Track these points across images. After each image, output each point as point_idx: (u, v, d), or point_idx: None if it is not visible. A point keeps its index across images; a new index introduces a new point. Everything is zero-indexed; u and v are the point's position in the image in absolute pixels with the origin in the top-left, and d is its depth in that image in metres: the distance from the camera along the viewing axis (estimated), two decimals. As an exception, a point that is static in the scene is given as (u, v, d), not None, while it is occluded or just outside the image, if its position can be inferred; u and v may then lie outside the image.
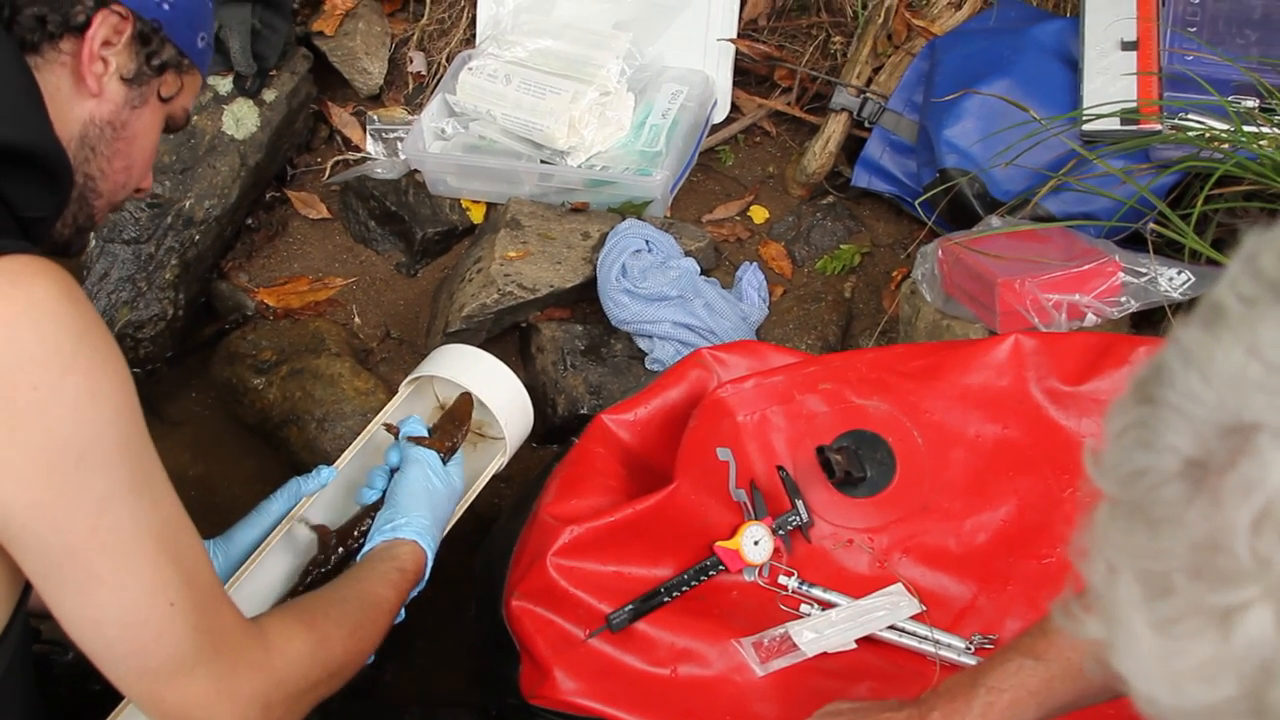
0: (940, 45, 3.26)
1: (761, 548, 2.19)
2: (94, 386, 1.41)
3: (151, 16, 1.72)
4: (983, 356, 2.30)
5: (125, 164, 1.79)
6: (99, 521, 1.43)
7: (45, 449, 1.38)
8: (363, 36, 3.63)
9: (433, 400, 2.40)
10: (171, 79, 1.80)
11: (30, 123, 1.56)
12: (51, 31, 1.63)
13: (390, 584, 1.93)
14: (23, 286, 1.38)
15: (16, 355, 1.36)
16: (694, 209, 3.43)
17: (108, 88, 1.71)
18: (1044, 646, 1.65)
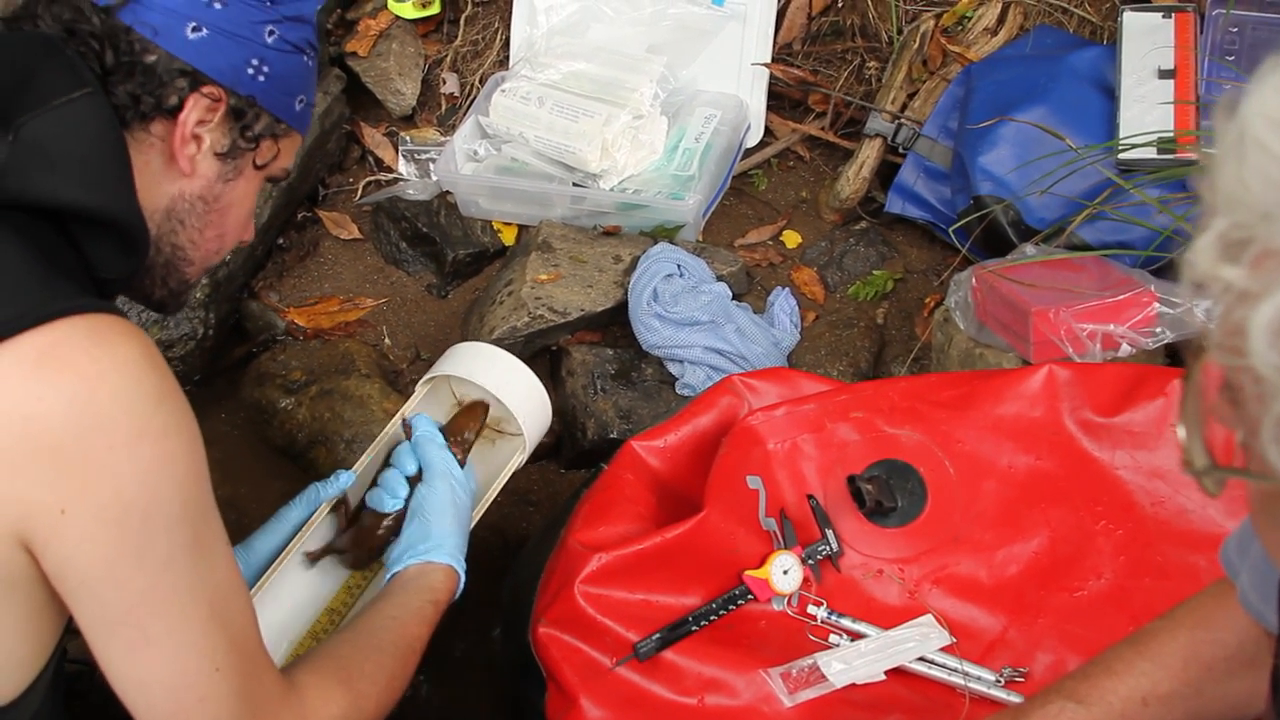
0: (976, 71, 3.25)
1: (791, 577, 2.18)
2: (166, 450, 1.43)
3: (246, 92, 1.71)
4: (1016, 386, 2.29)
5: (218, 233, 1.80)
6: (158, 582, 1.45)
7: (114, 508, 1.40)
8: (396, 57, 3.63)
9: (449, 399, 2.39)
10: (268, 147, 1.79)
11: (113, 191, 1.57)
12: (144, 112, 1.63)
13: (426, 620, 1.93)
14: (107, 346, 1.40)
15: (95, 415, 1.38)
16: (726, 233, 3.43)
17: (200, 166, 1.71)
18: (1086, 689, 1.63)
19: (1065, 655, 2.14)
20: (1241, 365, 0.87)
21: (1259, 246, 0.86)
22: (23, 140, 1.49)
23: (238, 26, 1.67)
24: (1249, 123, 0.87)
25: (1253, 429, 0.89)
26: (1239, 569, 1.53)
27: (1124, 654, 1.64)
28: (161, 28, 1.62)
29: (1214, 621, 1.59)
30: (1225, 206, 0.89)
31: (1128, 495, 2.23)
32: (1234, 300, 0.87)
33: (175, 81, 1.64)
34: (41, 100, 1.52)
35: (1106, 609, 2.17)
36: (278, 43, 1.72)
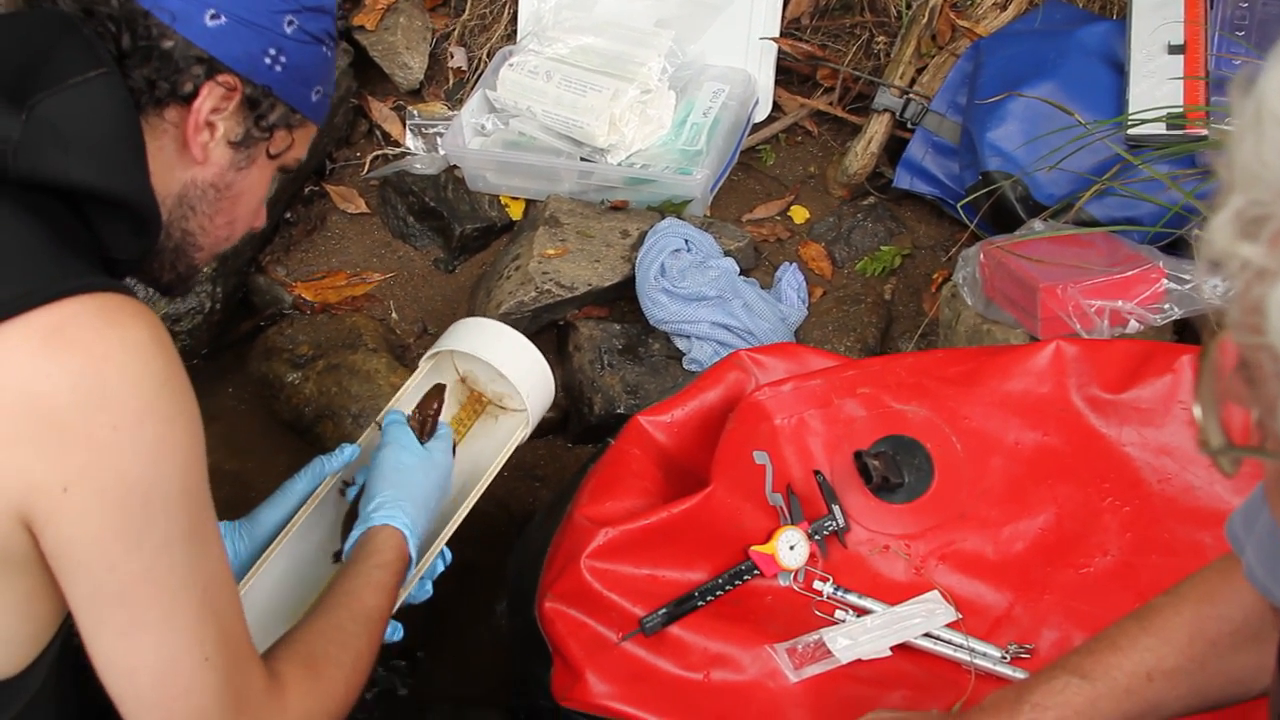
0: (985, 46, 3.24)
1: (797, 553, 2.18)
2: (169, 434, 1.43)
3: (262, 81, 1.68)
4: (1023, 363, 2.28)
5: (228, 219, 1.79)
6: (154, 565, 1.45)
7: (116, 487, 1.39)
8: (404, 31, 3.63)
9: (453, 374, 2.38)
10: (282, 136, 1.77)
11: (128, 173, 1.56)
12: (159, 97, 1.61)
13: (380, 587, 1.90)
14: (116, 326, 1.40)
15: (101, 394, 1.38)
16: (734, 208, 3.42)
17: (213, 153, 1.69)
18: (1090, 665, 1.63)
19: (1071, 632, 2.14)
20: (1260, 343, 0.86)
21: (1278, 223, 0.86)
22: (36, 118, 1.48)
23: (257, 15, 1.65)
24: (1267, 99, 0.87)
25: (1270, 407, 0.89)
26: (1244, 543, 1.53)
27: (1129, 629, 1.64)
28: (180, 13, 1.60)
29: (1219, 596, 1.59)
30: (1243, 183, 0.88)
31: (1135, 472, 2.23)
32: (1252, 278, 0.87)
33: (191, 68, 1.62)
34: (57, 79, 1.52)
35: (1113, 586, 2.17)
36: (297, 33, 1.70)
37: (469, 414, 2.40)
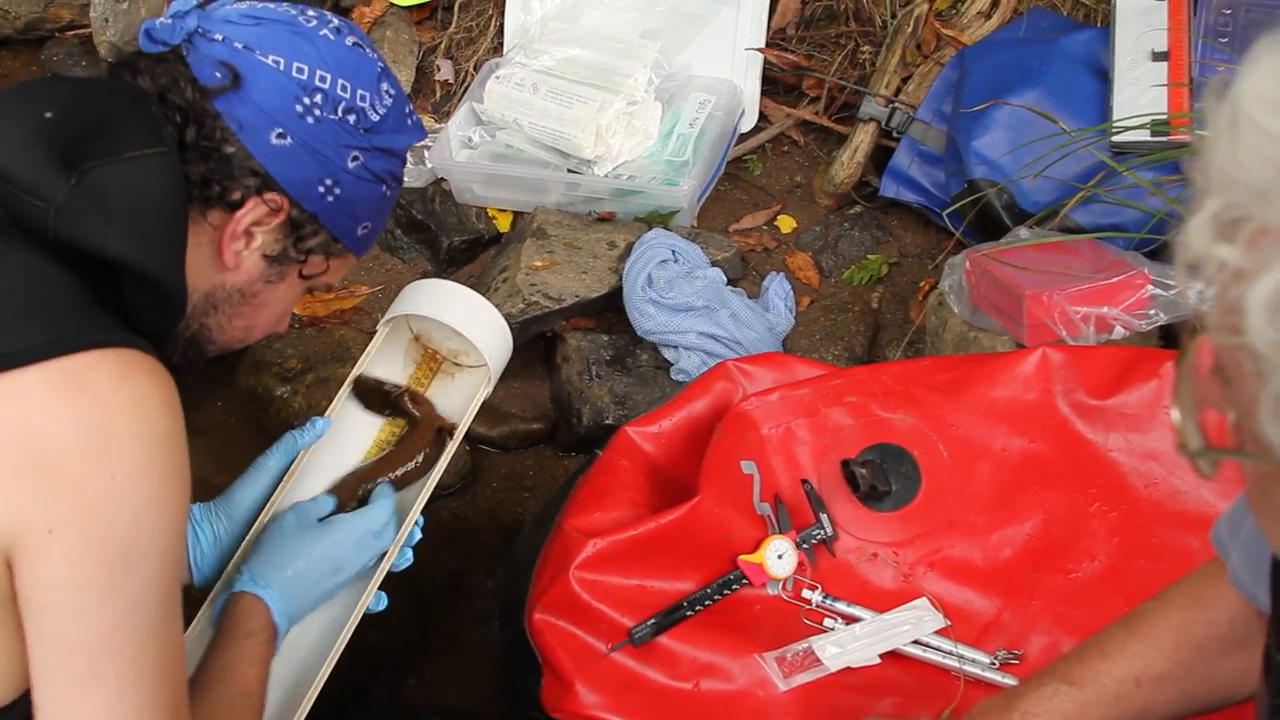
0: (969, 55, 3.25)
1: (785, 561, 2.18)
2: (163, 494, 1.44)
3: (311, 208, 1.69)
4: (1010, 370, 2.29)
5: (246, 324, 1.79)
6: (121, 622, 1.44)
7: (100, 537, 1.40)
8: (390, 45, 3.63)
9: (403, 329, 2.37)
10: (318, 261, 1.77)
11: (165, 254, 1.57)
12: (209, 196, 1.62)
13: (252, 658, 1.83)
14: (131, 381, 1.42)
15: (105, 443, 1.39)
16: (721, 218, 3.43)
17: (245, 262, 1.70)
18: (1079, 672, 1.64)
19: (1060, 637, 2.14)
20: (1239, 343, 0.87)
21: (1254, 224, 0.87)
22: (85, 184, 1.49)
23: (323, 144, 1.66)
24: (1243, 102, 0.88)
25: (1248, 408, 0.90)
26: (1230, 549, 1.53)
27: (1116, 635, 1.65)
28: (248, 124, 1.62)
29: (1205, 601, 1.59)
30: (1219, 186, 0.89)
31: (1121, 477, 2.24)
32: (1230, 279, 0.88)
33: (245, 179, 1.63)
34: (115, 149, 1.53)
35: (1101, 591, 2.17)
36: (358, 169, 1.71)
37: (425, 373, 2.38)
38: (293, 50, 1.65)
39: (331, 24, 1.71)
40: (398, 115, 1.76)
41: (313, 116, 1.65)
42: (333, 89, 1.67)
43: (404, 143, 1.79)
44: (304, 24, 1.68)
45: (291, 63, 1.64)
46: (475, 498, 2.99)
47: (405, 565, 2.09)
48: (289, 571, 1.92)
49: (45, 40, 3.99)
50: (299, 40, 1.66)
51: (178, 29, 1.63)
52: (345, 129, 1.68)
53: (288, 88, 1.64)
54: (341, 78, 1.67)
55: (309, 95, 1.65)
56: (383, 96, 1.73)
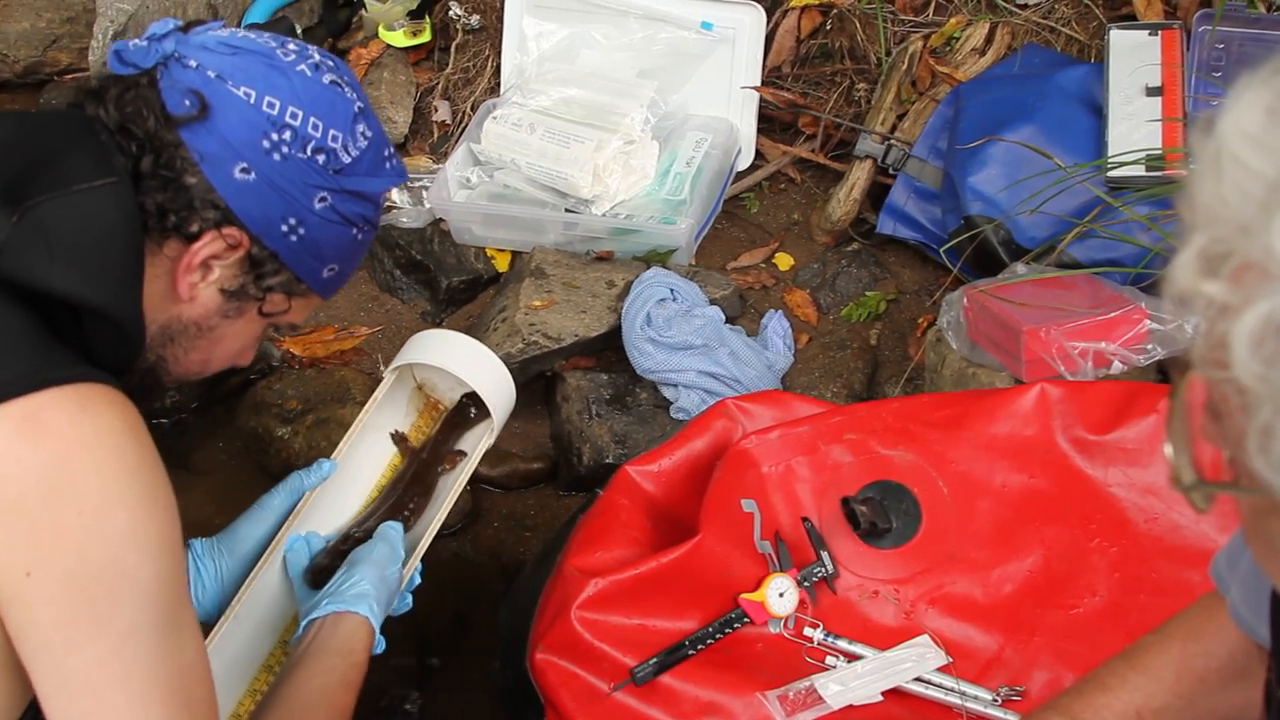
0: (964, 91, 3.26)
1: (787, 599, 2.18)
2: (139, 521, 1.42)
3: (272, 246, 1.67)
4: (1008, 405, 2.30)
5: (203, 358, 1.76)
6: (119, 651, 1.43)
7: (79, 573, 1.39)
8: (388, 85, 3.65)
9: (407, 378, 2.38)
10: (279, 300, 1.75)
11: (116, 287, 1.54)
12: (165, 227, 1.60)
13: (351, 686, 1.86)
14: (91, 414, 1.40)
15: (70, 480, 1.38)
16: (719, 256, 3.44)
17: (201, 295, 1.67)
18: (1080, 706, 1.63)
19: (1062, 673, 2.15)
20: (1225, 378, 0.88)
21: (1238, 259, 0.88)
22: (28, 222, 1.47)
23: (288, 183, 1.64)
24: (1226, 139, 0.89)
25: (1238, 441, 0.90)
26: (1229, 583, 1.53)
27: (1117, 669, 1.65)
28: (211, 156, 1.59)
29: (1205, 633, 1.59)
30: (1204, 222, 0.91)
31: (1121, 512, 2.24)
32: (1216, 314, 0.89)
33: (204, 211, 1.61)
34: (62, 182, 1.51)
35: (1102, 626, 2.18)
36: (325, 210, 1.69)
37: (427, 421, 2.39)
38: (266, 83, 1.62)
39: (311, 59, 1.68)
40: (374, 158, 1.74)
41: (280, 153, 1.62)
42: (303, 127, 1.64)
43: (378, 186, 1.76)
44: (282, 58, 1.65)
45: (263, 96, 1.62)
46: (476, 537, 2.98)
47: (404, 610, 2.09)
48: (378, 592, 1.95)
49: (44, 84, 4.01)
50: (274, 74, 1.63)
51: (153, 52, 1.61)
52: (314, 169, 1.66)
53: (256, 122, 1.61)
54: (314, 115, 1.65)
55: (278, 131, 1.62)
56: (357, 138, 1.70)
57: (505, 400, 2.29)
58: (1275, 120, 0.88)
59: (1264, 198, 0.86)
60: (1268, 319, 0.84)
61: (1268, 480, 0.88)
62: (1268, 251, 0.84)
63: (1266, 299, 0.84)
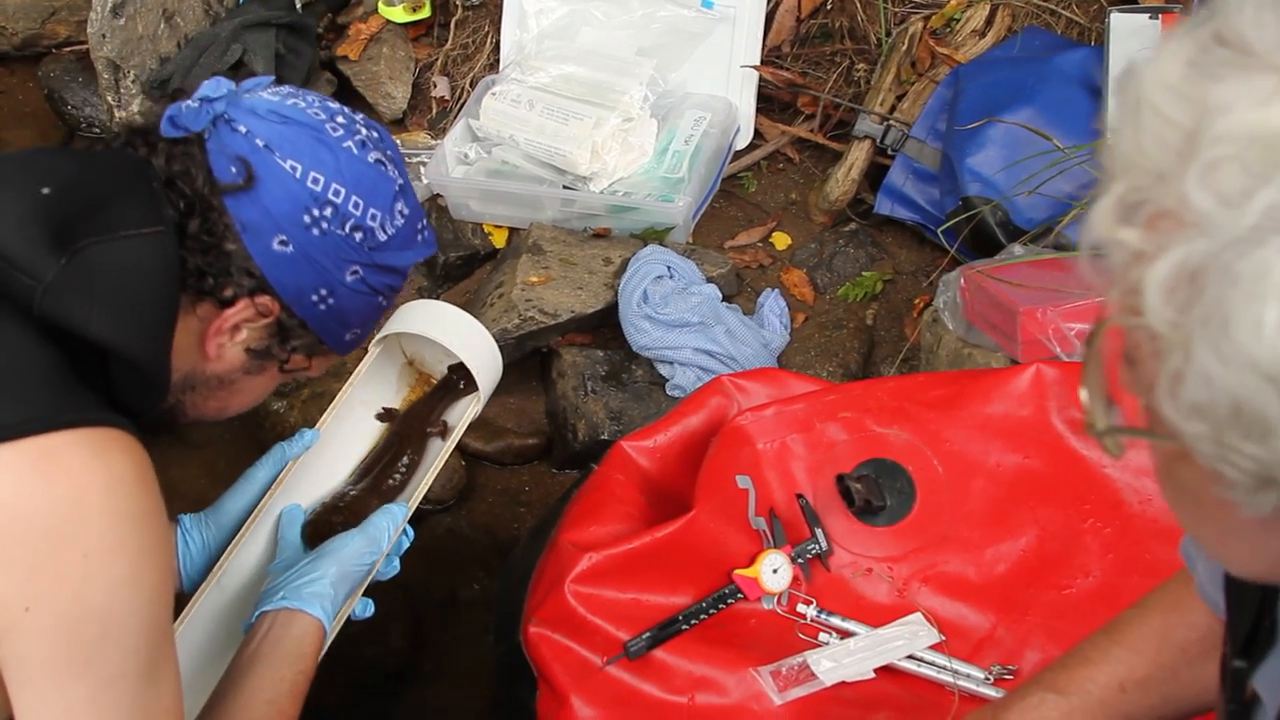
0: (964, 73, 3.26)
1: (780, 576, 2.18)
2: (138, 570, 1.44)
3: (301, 315, 1.68)
4: (1004, 386, 2.29)
5: (220, 407, 1.78)
6: (104, 695, 1.44)
7: (74, 614, 1.40)
8: (387, 61, 3.64)
9: (395, 351, 2.38)
10: (300, 360, 1.77)
11: (149, 337, 1.56)
12: (202, 289, 1.61)
13: (298, 696, 1.83)
14: (105, 459, 1.42)
15: (78, 522, 1.39)
16: (716, 235, 3.43)
17: (227, 353, 1.69)
18: (1064, 680, 1.64)
19: (1054, 652, 2.14)
20: (1139, 324, 0.89)
21: (1153, 207, 0.89)
22: (75, 264, 1.48)
23: (324, 256, 1.65)
24: (1146, 88, 0.91)
25: (1150, 388, 0.92)
26: (1196, 560, 1.54)
27: (1100, 643, 1.65)
28: (252, 226, 1.60)
29: (1185, 605, 1.60)
30: (1123, 170, 0.92)
31: (1116, 493, 2.24)
32: (1131, 260, 0.90)
33: (240, 279, 1.62)
34: (110, 227, 1.52)
35: (1095, 606, 2.17)
36: (356, 282, 1.70)
37: (418, 395, 2.40)
38: (313, 159, 1.63)
39: (358, 135, 1.68)
40: (408, 233, 1.75)
41: (319, 229, 1.63)
42: (345, 205, 1.64)
43: (410, 260, 1.77)
44: (330, 133, 1.65)
45: (309, 171, 1.62)
46: (470, 513, 2.99)
47: (392, 574, 2.09)
48: (336, 591, 1.92)
49: (43, 56, 4.00)
50: (321, 149, 1.63)
51: (204, 114, 1.61)
52: (350, 245, 1.66)
53: (300, 196, 1.62)
54: (356, 194, 1.65)
55: (319, 207, 1.63)
56: (395, 217, 1.71)
57: (490, 365, 2.29)
58: (1195, 72, 0.89)
59: (1180, 147, 0.87)
60: (1180, 266, 0.85)
61: (1176, 426, 0.90)
62: (1182, 200, 0.85)
63: (1180, 246, 0.85)
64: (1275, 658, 1.25)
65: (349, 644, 2.02)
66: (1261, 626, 1.26)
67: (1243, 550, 1.05)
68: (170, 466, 2.96)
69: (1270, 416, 0.84)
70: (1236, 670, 1.29)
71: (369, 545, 2.00)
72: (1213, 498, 0.94)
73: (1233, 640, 1.30)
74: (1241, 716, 1.30)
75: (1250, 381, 0.83)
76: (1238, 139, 0.84)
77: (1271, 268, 0.81)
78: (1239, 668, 1.29)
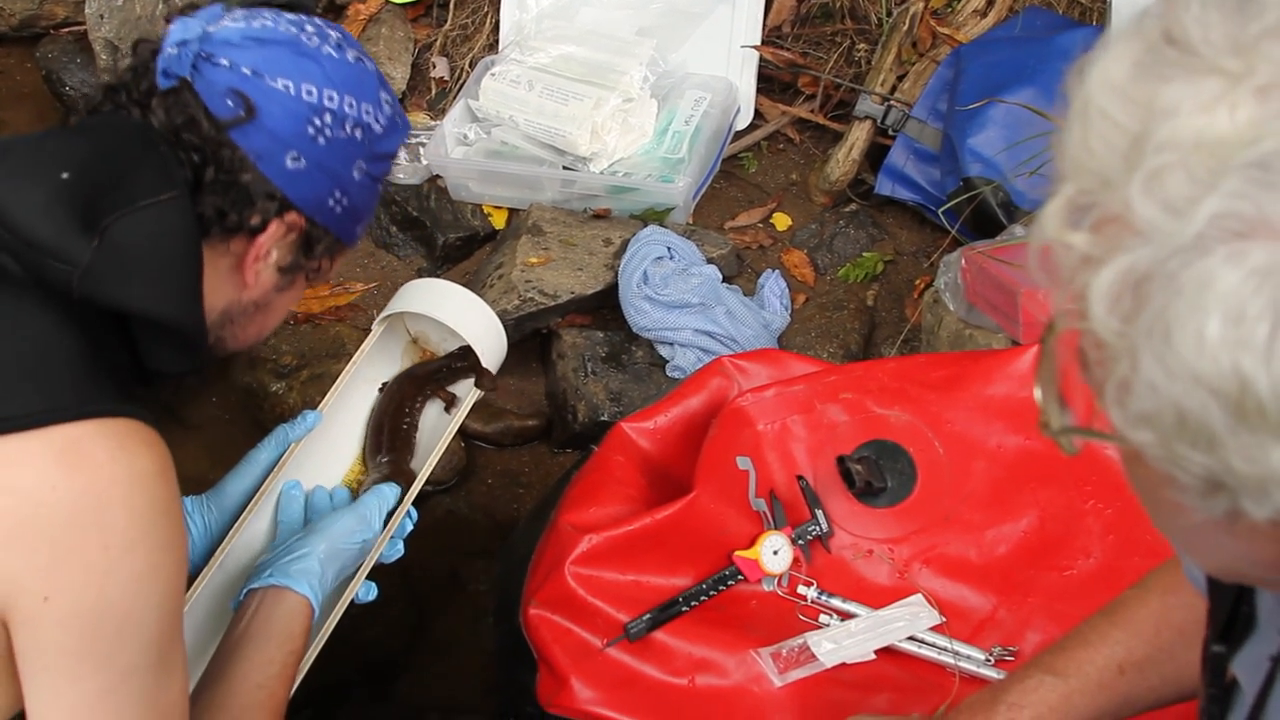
0: (965, 53, 3.25)
1: (781, 557, 2.18)
2: (156, 564, 1.45)
3: (323, 221, 1.72)
4: (1005, 367, 2.29)
5: (258, 330, 1.82)
6: (116, 687, 1.45)
7: (94, 607, 1.41)
8: (386, 42, 3.63)
9: (400, 330, 2.38)
10: (324, 263, 1.80)
11: (184, 302, 1.59)
12: (228, 227, 1.63)
13: (288, 680, 1.84)
14: (128, 453, 1.43)
15: (99, 516, 1.40)
16: (716, 216, 3.43)
17: (263, 277, 1.72)
18: (1064, 662, 1.64)
19: (1054, 634, 2.13)
20: (1084, 328, 0.88)
21: (1100, 211, 0.87)
22: (106, 243, 1.50)
23: (334, 161, 1.68)
24: (1093, 90, 0.89)
25: (1098, 389, 0.90)
26: None
27: (1098, 625, 1.66)
28: (264, 152, 1.63)
29: (1183, 586, 1.60)
30: (1072, 172, 0.90)
31: (1116, 475, 2.19)
32: (1078, 264, 0.89)
33: (263, 203, 1.64)
34: (129, 199, 1.53)
35: (1096, 588, 2.17)
36: (363, 178, 1.74)
37: None
38: (300, 72, 1.65)
39: (331, 38, 1.71)
40: (393, 119, 1.78)
41: (324, 137, 1.66)
42: (341, 107, 1.67)
43: (399, 143, 1.81)
44: (306, 43, 1.67)
45: (300, 85, 1.64)
46: (470, 494, 2.99)
47: (396, 557, 2.09)
48: (325, 569, 1.93)
49: (41, 37, 3.98)
50: (304, 61, 1.65)
51: (185, 57, 1.62)
52: (354, 144, 1.70)
53: (299, 112, 1.64)
54: (348, 94, 1.68)
55: (319, 117, 1.66)
56: (383, 106, 1.75)
57: (495, 347, 2.29)
58: (1142, 73, 0.87)
59: (1126, 152, 0.85)
60: (1125, 274, 0.84)
61: (1125, 433, 0.88)
62: (1127, 205, 0.83)
63: (1125, 254, 0.84)
64: (1254, 643, 1.25)
65: (350, 625, 2.02)
66: (1240, 612, 1.26)
67: (1201, 548, 1.04)
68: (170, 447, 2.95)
69: (1214, 428, 0.82)
70: (1216, 655, 1.29)
71: (359, 524, 2.01)
72: (1168, 499, 0.93)
73: (1213, 625, 1.30)
74: (1222, 701, 1.31)
75: (1193, 393, 0.82)
76: (1182, 145, 0.82)
77: (1215, 278, 0.79)
78: (1218, 653, 1.29)
